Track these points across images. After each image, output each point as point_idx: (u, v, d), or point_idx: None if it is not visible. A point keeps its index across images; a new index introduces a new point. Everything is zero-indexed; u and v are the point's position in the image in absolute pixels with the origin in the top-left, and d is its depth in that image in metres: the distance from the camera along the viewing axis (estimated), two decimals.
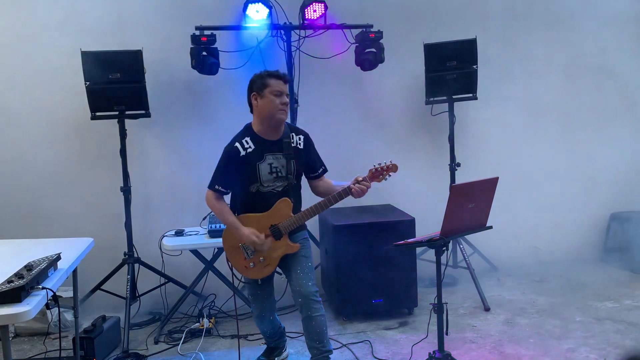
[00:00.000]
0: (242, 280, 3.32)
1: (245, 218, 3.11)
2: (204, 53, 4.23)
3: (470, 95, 4.75)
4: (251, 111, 3.15)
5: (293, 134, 3.17)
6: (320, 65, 4.73)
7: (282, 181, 3.10)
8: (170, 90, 4.70)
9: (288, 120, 3.25)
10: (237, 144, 3.08)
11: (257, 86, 3.07)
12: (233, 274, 3.28)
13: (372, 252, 4.03)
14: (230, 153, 3.08)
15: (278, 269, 3.29)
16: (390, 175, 3.04)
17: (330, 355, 3.13)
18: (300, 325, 3.16)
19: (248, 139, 3.10)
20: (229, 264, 3.22)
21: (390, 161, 3.03)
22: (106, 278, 4.32)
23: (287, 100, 3.08)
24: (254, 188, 3.08)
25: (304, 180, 3.26)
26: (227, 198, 3.21)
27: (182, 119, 4.75)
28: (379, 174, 3.02)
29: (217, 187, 3.10)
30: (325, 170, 3.27)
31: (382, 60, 4.53)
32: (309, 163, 3.21)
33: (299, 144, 3.16)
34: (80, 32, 4.43)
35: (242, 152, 3.07)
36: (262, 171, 3.07)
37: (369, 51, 4.50)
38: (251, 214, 3.10)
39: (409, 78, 4.99)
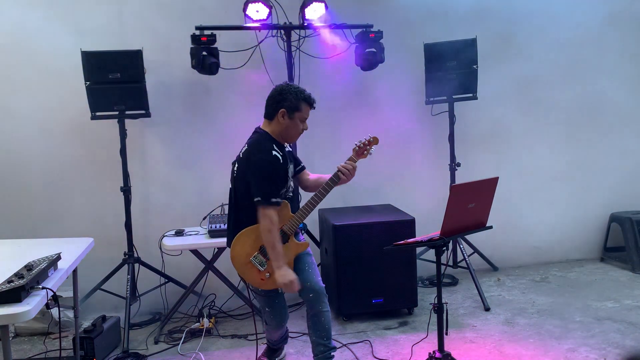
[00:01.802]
0: (261, 293, 3.22)
1: (251, 230, 3.02)
2: (204, 53, 4.23)
3: (470, 95, 4.76)
4: (268, 118, 3.09)
5: None
6: (320, 65, 4.73)
7: (290, 182, 3.13)
8: (170, 90, 4.70)
9: None
10: (275, 153, 2.98)
11: (289, 105, 3.01)
12: (249, 290, 3.26)
13: (372, 252, 4.03)
14: (275, 163, 2.96)
15: None
16: (373, 149, 3.10)
17: (333, 353, 3.14)
18: (301, 324, 3.17)
19: (274, 145, 3.04)
20: (244, 282, 3.20)
21: (370, 135, 3.10)
22: (106, 278, 4.32)
23: (307, 126, 3.15)
24: (282, 193, 3.05)
25: None
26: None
27: (182, 119, 4.75)
28: (363, 150, 3.09)
29: (274, 199, 2.93)
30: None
31: (382, 60, 4.53)
32: (295, 159, 3.30)
33: (288, 146, 3.25)
34: (80, 32, 4.42)
35: (282, 160, 3.01)
36: (289, 175, 3.12)
37: (369, 51, 4.50)
38: (255, 226, 3.01)
39: (409, 78, 4.99)
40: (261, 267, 3.04)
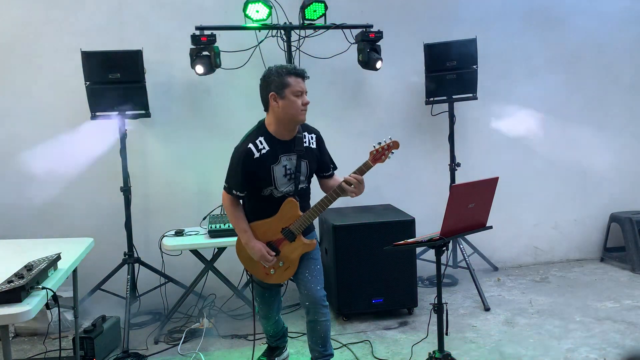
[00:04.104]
0: (254, 280, 3.24)
1: (255, 226, 3.04)
2: (202, 53, 4.24)
3: (470, 95, 4.76)
4: (265, 109, 3.00)
5: (305, 132, 3.05)
6: (320, 65, 4.73)
7: (294, 184, 3.00)
8: (170, 90, 4.70)
9: None
10: (250, 145, 2.91)
11: (275, 86, 2.86)
12: (252, 284, 3.25)
13: (372, 252, 4.03)
14: (243, 155, 2.91)
15: None
16: (392, 153, 2.87)
17: (331, 359, 3.13)
18: (301, 325, 3.17)
19: (262, 139, 2.93)
20: (248, 273, 3.18)
21: (390, 138, 2.86)
22: (106, 278, 4.31)
23: (308, 100, 2.92)
24: (267, 192, 2.99)
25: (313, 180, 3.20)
26: None
27: (182, 119, 4.75)
28: (381, 154, 2.86)
29: (234, 192, 2.99)
30: (335, 168, 3.19)
31: (381, 60, 4.52)
32: (321, 162, 3.12)
33: (312, 143, 3.05)
34: (80, 32, 4.43)
35: (257, 154, 2.90)
36: (276, 174, 2.94)
37: (369, 51, 4.48)
38: (260, 222, 3.03)
39: (409, 78, 4.99)
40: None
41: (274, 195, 2.99)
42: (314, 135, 3.09)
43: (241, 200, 3.10)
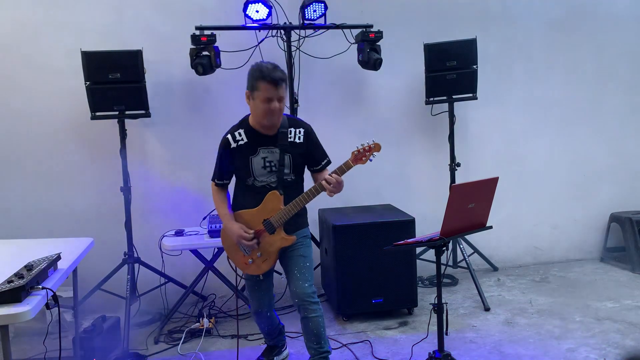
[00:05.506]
0: (243, 276, 3.30)
1: (237, 215, 3.12)
2: (203, 53, 4.24)
3: (470, 95, 4.75)
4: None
5: (292, 128, 3.08)
6: (320, 65, 4.73)
7: (276, 176, 3.05)
8: (170, 90, 4.70)
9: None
10: (228, 136, 3.08)
11: (250, 84, 2.98)
12: (236, 271, 3.28)
13: (372, 252, 4.03)
14: (222, 144, 3.10)
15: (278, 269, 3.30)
16: (374, 155, 2.93)
17: (329, 356, 3.13)
18: (299, 325, 3.16)
19: (242, 131, 3.07)
20: (230, 261, 3.23)
21: (373, 140, 2.93)
22: (106, 278, 4.31)
23: (278, 105, 2.94)
24: (249, 181, 3.08)
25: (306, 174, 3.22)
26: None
27: (182, 119, 4.75)
28: (362, 155, 2.92)
29: (217, 180, 3.16)
30: (328, 163, 3.19)
31: (381, 60, 4.52)
32: (310, 157, 3.14)
33: (298, 137, 3.08)
34: (80, 32, 4.43)
35: (233, 144, 3.05)
36: (255, 165, 3.03)
37: (369, 51, 4.48)
38: (244, 211, 3.10)
39: (409, 78, 4.99)
40: (246, 252, 3.11)
41: (256, 185, 3.07)
42: (301, 130, 3.11)
43: (229, 192, 3.24)
